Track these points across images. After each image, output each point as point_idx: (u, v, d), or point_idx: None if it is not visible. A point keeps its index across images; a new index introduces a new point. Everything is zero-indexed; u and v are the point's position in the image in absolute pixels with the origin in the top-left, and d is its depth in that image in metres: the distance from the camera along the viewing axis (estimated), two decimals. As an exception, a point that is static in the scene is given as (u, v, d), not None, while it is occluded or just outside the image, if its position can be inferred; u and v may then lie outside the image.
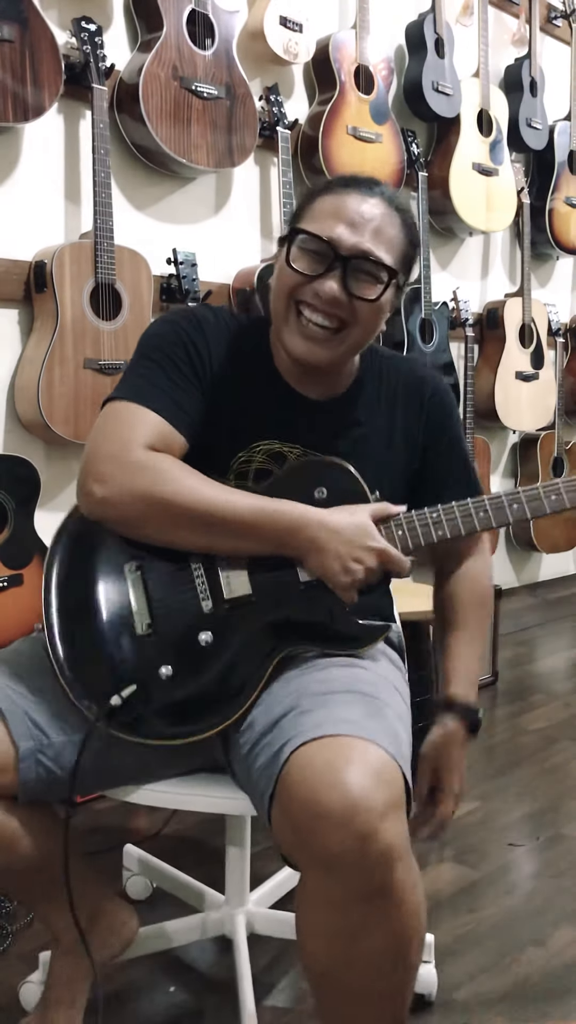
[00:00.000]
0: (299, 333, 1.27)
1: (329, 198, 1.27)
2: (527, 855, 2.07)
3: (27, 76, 2.15)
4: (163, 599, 1.24)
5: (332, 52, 2.87)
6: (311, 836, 1.00)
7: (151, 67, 2.38)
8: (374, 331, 1.31)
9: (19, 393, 2.29)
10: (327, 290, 1.24)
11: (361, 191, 1.27)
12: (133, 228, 2.54)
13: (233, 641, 1.24)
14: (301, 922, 1.09)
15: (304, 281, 1.25)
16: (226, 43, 2.54)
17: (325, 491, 1.28)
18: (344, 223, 1.24)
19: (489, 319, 3.58)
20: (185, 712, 1.22)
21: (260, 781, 1.12)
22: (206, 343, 1.31)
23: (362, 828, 0.98)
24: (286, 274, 1.27)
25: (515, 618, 3.92)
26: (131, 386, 1.28)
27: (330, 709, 1.12)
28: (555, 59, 3.88)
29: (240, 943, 1.53)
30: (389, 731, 1.11)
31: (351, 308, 1.26)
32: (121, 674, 1.21)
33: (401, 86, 3.21)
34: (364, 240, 1.25)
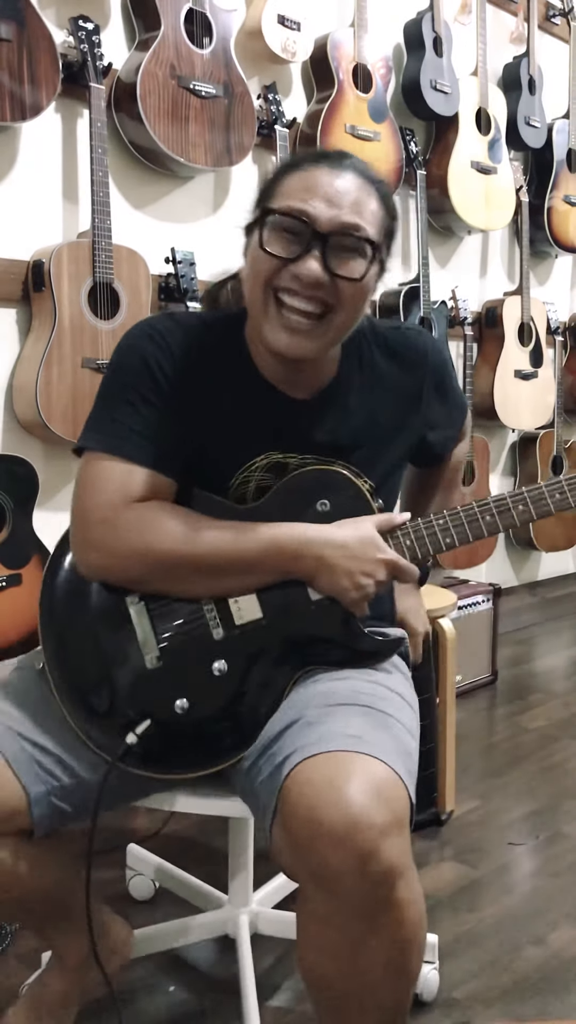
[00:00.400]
0: (281, 326, 1.17)
1: (298, 175, 1.17)
2: (527, 854, 2.07)
3: (24, 75, 2.15)
4: (171, 630, 1.21)
5: (330, 51, 2.87)
6: (310, 854, 0.99)
7: (149, 66, 2.37)
8: (359, 314, 1.22)
9: (17, 393, 2.29)
10: (307, 271, 1.14)
11: (332, 164, 1.17)
12: (131, 227, 2.54)
13: (248, 667, 1.22)
14: (301, 935, 1.08)
15: (280, 265, 1.15)
16: (224, 42, 2.54)
17: (328, 503, 1.24)
18: (319, 198, 1.14)
19: (488, 318, 3.58)
20: (204, 743, 1.20)
21: (262, 795, 1.11)
22: (176, 363, 1.23)
23: (363, 847, 0.97)
24: (260, 261, 1.17)
25: (514, 617, 3.91)
26: (107, 433, 1.21)
27: (333, 722, 1.10)
28: (553, 57, 3.87)
29: (243, 943, 1.53)
30: (393, 745, 1.09)
31: (334, 289, 1.16)
32: (134, 711, 1.19)
33: (399, 84, 3.21)
34: (343, 213, 1.15)
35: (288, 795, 1.03)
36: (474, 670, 3.15)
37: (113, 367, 1.25)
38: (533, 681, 3.31)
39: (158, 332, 1.24)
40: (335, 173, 1.17)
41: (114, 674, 1.20)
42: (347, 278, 1.16)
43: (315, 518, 1.23)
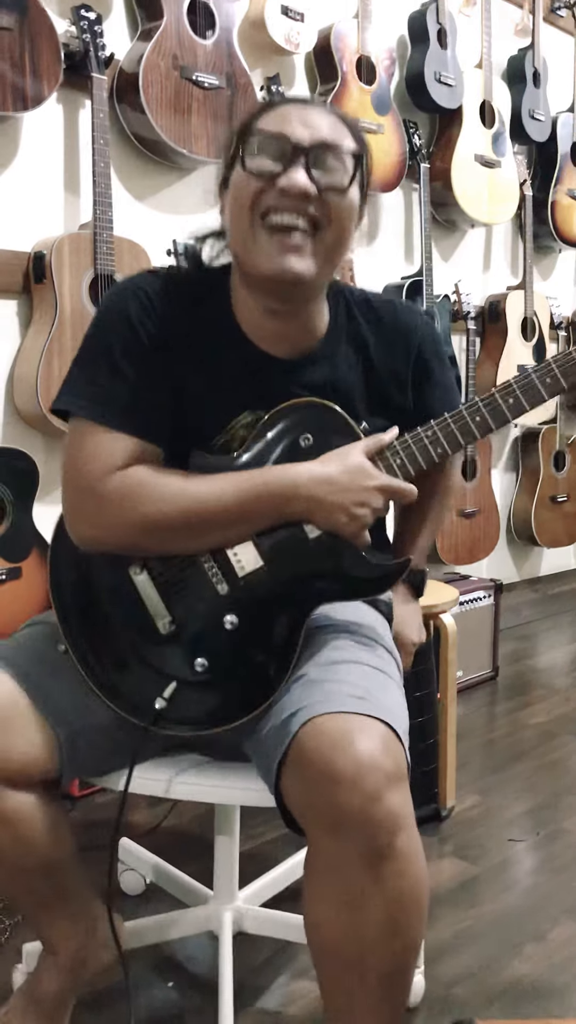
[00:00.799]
0: (273, 248, 1.15)
1: (271, 114, 1.19)
2: (527, 850, 2.07)
3: (26, 65, 2.14)
4: (178, 593, 1.23)
5: (334, 42, 2.85)
6: (321, 798, 1.03)
7: (151, 56, 2.36)
8: (349, 236, 1.21)
9: (18, 385, 2.28)
10: (294, 181, 1.13)
11: (301, 102, 1.20)
12: (133, 219, 2.53)
13: (258, 615, 1.22)
14: (308, 890, 1.11)
15: (265, 185, 1.14)
16: (227, 32, 2.52)
17: (310, 437, 1.22)
18: (295, 123, 1.16)
19: (491, 312, 3.57)
20: (231, 695, 1.22)
21: (268, 743, 1.14)
22: (158, 320, 1.22)
23: (369, 790, 1.01)
24: (243, 185, 1.16)
25: (516, 612, 3.91)
26: (90, 398, 1.21)
27: (338, 681, 1.13)
28: (558, 50, 3.85)
29: (225, 940, 1.51)
30: (392, 705, 1.13)
31: (322, 203, 1.15)
32: (158, 677, 1.22)
33: (403, 77, 3.19)
34: (320, 132, 1.16)
35: (301, 746, 1.06)
36: (475, 666, 3.14)
37: (95, 325, 1.24)
38: (534, 677, 3.31)
39: (142, 290, 1.23)
40: (306, 107, 1.19)
41: (133, 646, 1.24)
42: (334, 188, 1.16)
43: (300, 454, 1.22)
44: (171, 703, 1.21)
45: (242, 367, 1.26)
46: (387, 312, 1.35)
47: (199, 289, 1.27)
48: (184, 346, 1.24)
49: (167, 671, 1.22)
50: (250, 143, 1.16)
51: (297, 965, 1.65)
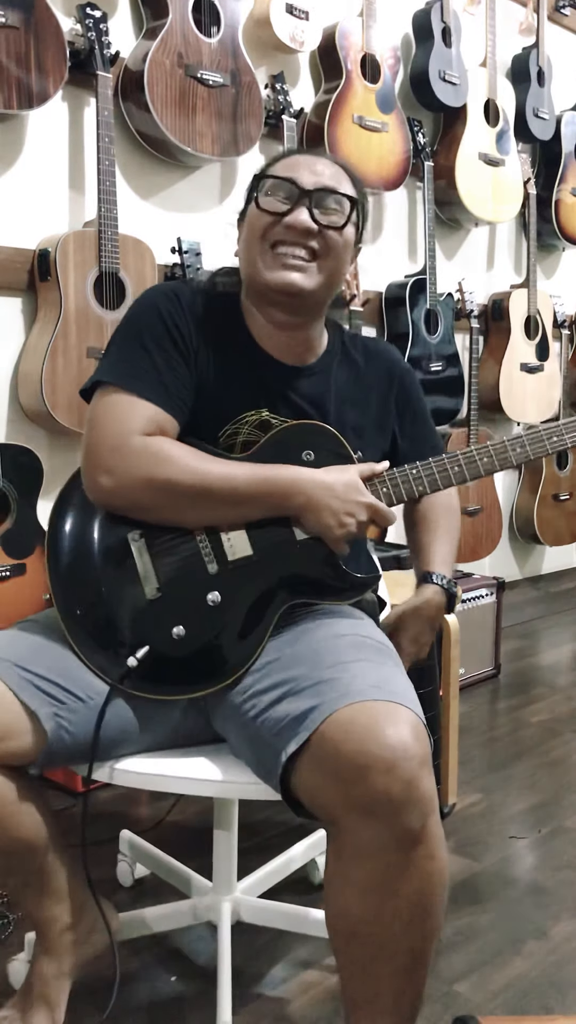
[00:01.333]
0: (279, 265, 1.34)
1: (282, 162, 1.40)
2: (529, 848, 2.07)
3: (32, 63, 2.14)
4: (169, 564, 1.32)
5: (339, 40, 2.86)
6: (355, 785, 1.08)
7: (156, 54, 2.36)
8: (344, 266, 1.40)
9: (23, 382, 2.28)
10: (298, 220, 1.33)
11: (309, 154, 1.41)
12: (137, 217, 2.53)
13: (239, 599, 1.32)
14: (333, 879, 1.15)
15: (274, 220, 1.34)
16: (232, 31, 2.52)
17: (312, 454, 1.37)
18: (302, 170, 1.36)
19: (494, 310, 3.57)
20: (200, 666, 1.31)
21: (272, 737, 1.18)
22: (186, 320, 1.36)
23: (406, 774, 1.07)
24: (256, 219, 1.36)
25: (518, 611, 3.91)
26: (120, 371, 1.33)
27: (352, 677, 1.18)
28: (563, 48, 3.85)
29: (224, 930, 1.53)
30: (410, 695, 1.19)
31: (322, 238, 1.35)
32: (135, 637, 1.29)
33: (408, 75, 3.19)
34: (323, 179, 1.36)
35: (329, 737, 1.11)
36: (477, 663, 3.15)
37: (128, 318, 1.38)
38: (536, 675, 3.31)
39: (172, 291, 1.39)
40: (312, 158, 1.40)
41: (116, 603, 1.31)
42: (332, 227, 1.36)
43: (303, 465, 1.35)
44: (141, 664, 1.27)
45: (252, 368, 1.41)
46: (374, 346, 1.58)
47: (218, 304, 1.42)
48: (203, 346, 1.38)
49: (144, 634, 1.29)
50: (263, 185, 1.37)
51: (295, 954, 1.66)
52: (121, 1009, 1.50)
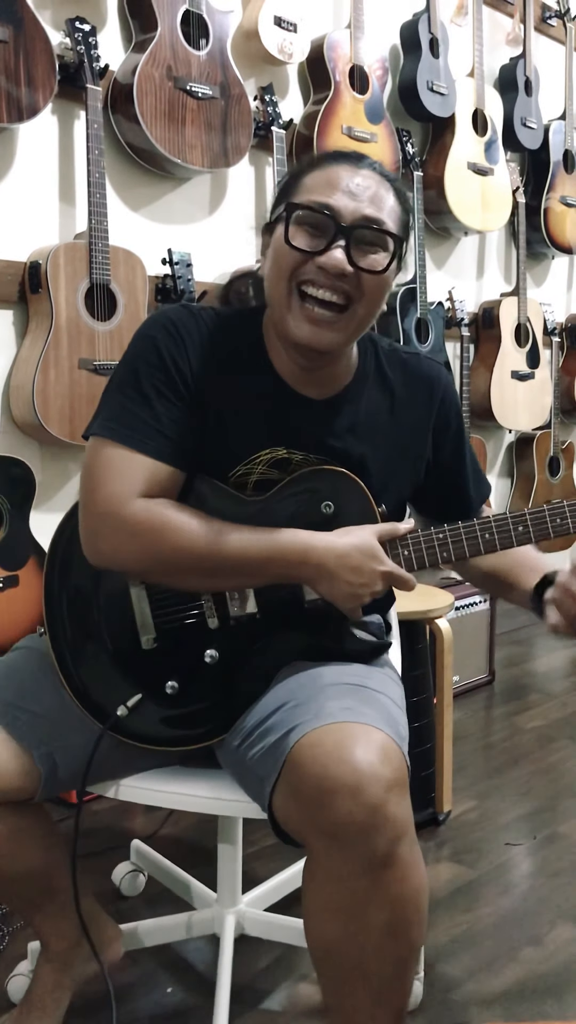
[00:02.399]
0: (304, 318, 1.20)
1: (319, 172, 1.22)
2: (524, 854, 2.07)
3: (21, 76, 2.15)
4: (168, 615, 1.27)
5: (327, 52, 2.87)
6: (320, 809, 1.04)
7: (145, 67, 2.37)
8: (379, 308, 1.26)
9: (14, 394, 2.29)
10: (334, 261, 1.17)
11: (351, 163, 1.22)
12: (128, 228, 2.54)
13: (238, 657, 1.27)
14: (307, 899, 1.12)
15: (304, 259, 1.19)
16: (220, 43, 2.54)
17: (332, 505, 1.26)
18: (340, 192, 1.19)
19: (485, 319, 3.59)
20: (189, 721, 1.27)
21: (259, 768, 1.15)
22: (186, 356, 1.25)
23: (370, 800, 1.02)
24: (284, 254, 1.20)
25: (511, 617, 3.91)
26: (116, 422, 1.22)
27: (326, 700, 1.15)
28: (550, 58, 3.88)
29: (226, 943, 1.52)
30: (385, 716, 1.15)
31: (357, 282, 1.20)
32: (128, 685, 1.26)
33: (396, 86, 3.21)
34: (364, 207, 1.19)
35: (297, 759, 1.07)
36: (471, 670, 3.15)
37: (127, 357, 1.27)
38: (530, 681, 3.32)
39: (172, 323, 1.26)
40: (354, 170, 1.21)
41: (111, 649, 1.27)
42: (370, 271, 1.20)
43: (319, 518, 1.25)
44: (132, 713, 1.24)
45: (270, 402, 1.29)
46: (413, 361, 1.40)
47: (232, 326, 1.30)
48: (214, 377, 1.26)
49: (137, 683, 1.26)
50: (296, 214, 1.19)
51: (298, 969, 1.65)
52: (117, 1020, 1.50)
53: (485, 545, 1.28)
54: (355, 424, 1.32)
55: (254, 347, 1.30)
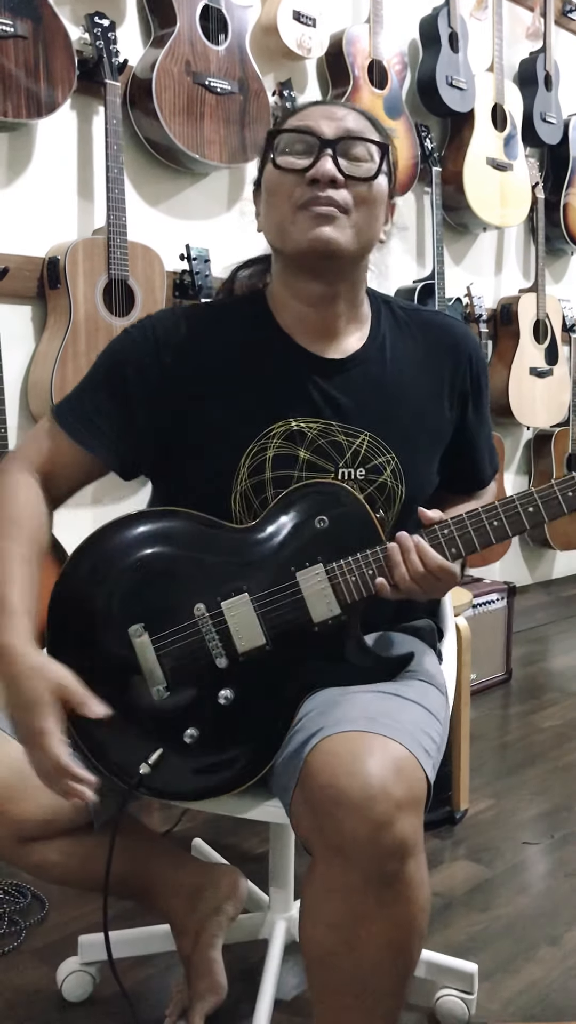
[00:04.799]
0: (308, 220, 1.19)
1: (297, 115, 1.25)
2: (541, 853, 2.06)
3: (40, 72, 2.15)
4: (176, 661, 1.19)
5: (346, 47, 2.86)
6: (327, 820, 1.01)
7: (164, 62, 2.37)
8: (378, 221, 1.24)
9: (32, 389, 2.29)
10: (323, 170, 1.17)
11: (325, 103, 1.26)
12: (146, 224, 2.54)
13: (255, 694, 1.20)
14: (307, 907, 1.09)
15: (296, 180, 1.19)
16: (239, 38, 2.53)
17: (326, 520, 1.20)
18: (319, 118, 1.21)
19: (503, 315, 3.57)
20: (217, 769, 1.20)
21: (283, 774, 1.13)
22: (157, 356, 1.25)
23: (379, 817, 0.98)
24: (276, 182, 1.21)
25: (529, 615, 3.90)
26: (66, 401, 1.31)
27: (350, 706, 1.11)
28: (570, 53, 3.85)
29: (275, 948, 1.50)
30: (412, 728, 1.10)
31: (351, 191, 1.19)
32: (146, 740, 1.19)
33: (415, 81, 3.20)
34: (345, 123, 1.21)
35: (310, 767, 1.04)
36: (488, 668, 3.14)
37: (104, 349, 1.33)
38: (548, 680, 3.30)
39: (150, 327, 1.29)
40: (330, 106, 1.25)
41: (123, 706, 1.19)
42: (361, 178, 1.20)
43: (313, 533, 1.20)
44: (156, 769, 1.18)
45: (286, 368, 1.27)
46: (438, 320, 1.36)
47: (235, 306, 1.32)
48: (212, 359, 1.26)
49: (155, 737, 1.19)
50: (278, 141, 1.22)
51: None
52: (145, 1018, 1.50)
53: (495, 532, 1.18)
54: (372, 384, 1.28)
55: (263, 319, 1.29)
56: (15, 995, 1.55)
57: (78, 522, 1.29)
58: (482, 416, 1.40)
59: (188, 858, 1.49)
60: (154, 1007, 1.51)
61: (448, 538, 1.18)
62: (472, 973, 1.52)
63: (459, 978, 1.52)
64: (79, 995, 1.53)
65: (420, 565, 1.16)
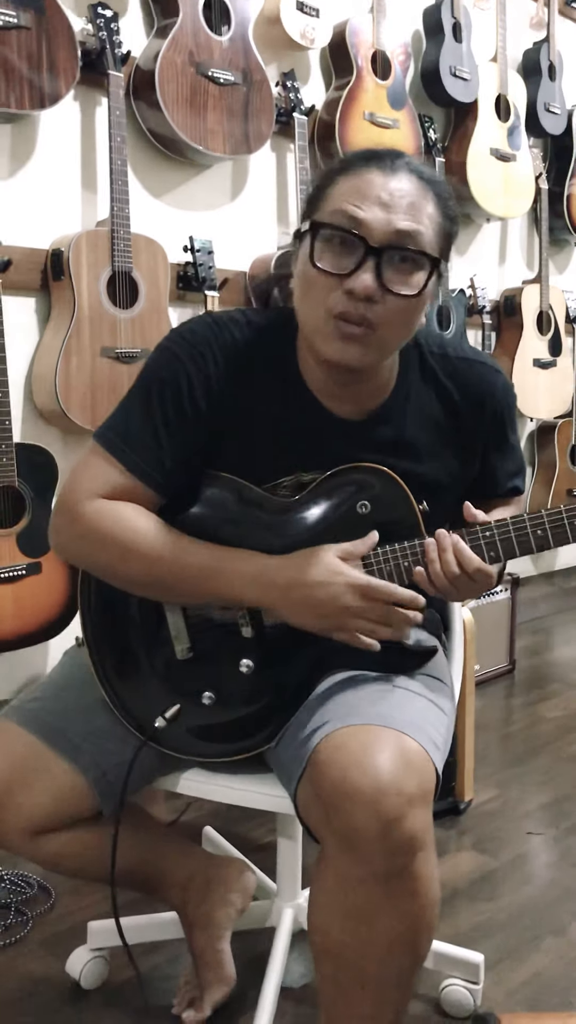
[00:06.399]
0: (334, 335, 1.12)
1: (350, 179, 1.11)
2: (546, 844, 2.07)
3: (43, 63, 2.15)
4: (202, 624, 1.24)
5: (349, 37, 2.85)
6: (337, 814, 1.01)
7: (167, 53, 2.36)
8: (413, 327, 1.17)
9: (37, 382, 2.29)
10: (361, 285, 1.08)
11: (384, 166, 1.11)
12: (150, 216, 2.54)
13: (274, 667, 1.23)
14: (315, 897, 1.10)
15: (334, 284, 1.10)
16: (242, 28, 2.52)
17: (368, 505, 1.19)
18: (371, 202, 1.09)
19: (507, 306, 3.56)
20: (230, 732, 1.25)
21: (290, 763, 1.14)
22: (206, 374, 1.19)
23: (389, 812, 0.99)
24: (311, 277, 1.13)
25: (532, 607, 3.90)
26: (114, 433, 1.21)
27: (360, 699, 1.12)
28: (574, 42, 3.83)
29: (282, 936, 1.51)
30: (421, 723, 1.10)
31: (385, 305, 1.10)
32: (165, 696, 1.25)
33: (418, 71, 3.19)
34: (398, 219, 1.09)
35: (319, 759, 1.05)
36: (492, 660, 3.14)
37: (145, 370, 1.23)
38: (551, 671, 3.30)
39: (198, 340, 1.20)
40: (388, 175, 1.11)
41: (147, 660, 1.26)
42: (401, 295, 1.11)
43: (354, 518, 1.19)
44: (171, 724, 1.24)
45: (298, 422, 1.22)
46: (466, 369, 1.28)
47: (265, 336, 1.23)
48: (239, 396, 1.21)
49: (174, 693, 1.25)
50: (323, 232, 1.11)
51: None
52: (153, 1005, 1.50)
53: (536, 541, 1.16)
54: (393, 442, 1.24)
55: (286, 362, 1.23)
56: (23, 984, 1.56)
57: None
58: (505, 452, 1.35)
59: (196, 850, 1.50)
60: (162, 995, 1.52)
61: (489, 541, 1.16)
62: (478, 963, 1.53)
63: (465, 968, 1.53)
64: (94, 982, 1.55)
65: (455, 565, 1.14)
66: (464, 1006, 1.51)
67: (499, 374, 1.32)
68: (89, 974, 1.54)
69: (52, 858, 1.30)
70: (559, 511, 1.16)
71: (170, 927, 1.51)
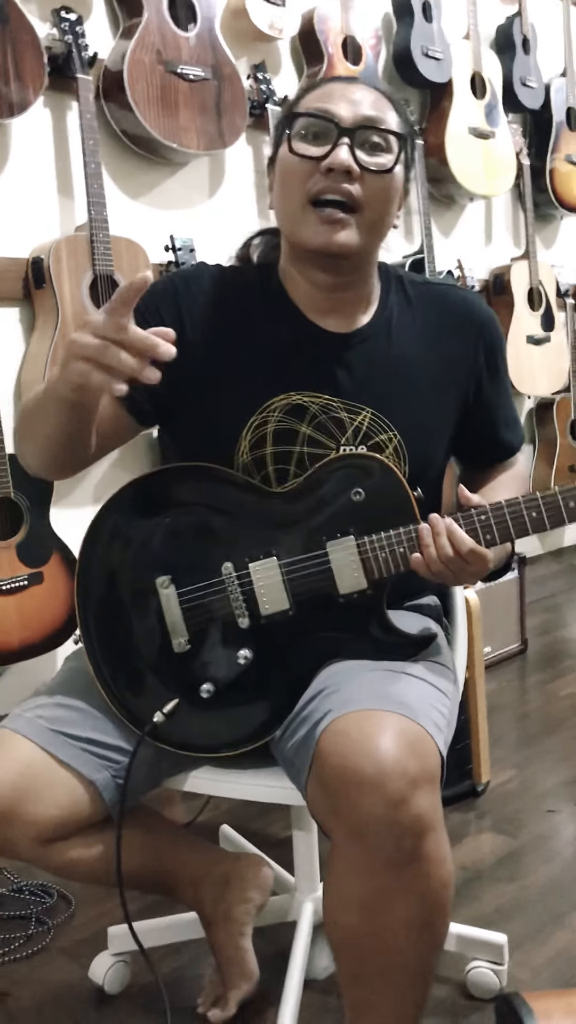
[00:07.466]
0: (319, 221, 1.19)
1: (316, 92, 1.23)
2: (566, 821, 2.06)
3: (10, 71, 2.14)
4: (199, 616, 1.23)
5: (317, 25, 2.83)
6: (343, 801, 1.01)
7: (135, 53, 2.35)
8: (391, 215, 1.24)
9: (26, 391, 2.28)
10: (339, 160, 1.16)
11: (345, 80, 1.25)
12: (128, 217, 2.52)
13: (273, 657, 1.22)
14: (328, 890, 1.09)
15: (312, 167, 1.18)
16: (209, 23, 2.51)
17: (362, 492, 1.20)
18: (339, 100, 1.20)
19: (496, 285, 3.54)
20: (229, 726, 1.24)
21: (297, 757, 1.13)
22: (177, 308, 1.26)
23: (394, 795, 0.98)
24: (290, 167, 1.20)
25: (541, 585, 3.88)
26: None
27: (360, 685, 1.12)
28: (546, 15, 3.80)
29: (303, 930, 1.50)
30: (422, 704, 1.10)
31: (364, 183, 1.18)
32: (163, 690, 1.24)
33: (390, 54, 3.16)
34: (364, 109, 1.19)
35: (322, 748, 1.05)
36: (503, 640, 3.13)
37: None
38: (564, 648, 3.29)
39: (174, 281, 1.29)
40: (350, 85, 1.23)
41: (144, 654, 1.25)
42: (376, 170, 1.19)
43: (348, 506, 1.20)
44: (170, 719, 1.22)
45: (292, 341, 1.27)
46: (448, 295, 1.35)
47: (249, 273, 1.32)
48: (223, 325, 1.26)
49: (172, 687, 1.23)
50: (295, 124, 1.20)
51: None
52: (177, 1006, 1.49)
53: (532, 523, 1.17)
54: (375, 361, 1.28)
55: (273, 289, 1.30)
56: (46, 993, 1.56)
57: (83, 520, 1.29)
58: (499, 388, 1.39)
59: (212, 848, 1.49)
60: (186, 997, 1.51)
61: (484, 524, 1.17)
62: (502, 944, 1.52)
63: (489, 950, 1.52)
64: (118, 986, 1.54)
65: (449, 548, 1.15)
66: (490, 988, 1.50)
67: (481, 300, 1.38)
68: (112, 979, 1.54)
69: (65, 866, 1.28)
70: (553, 492, 1.17)
71: (191, 928, 1.50)
